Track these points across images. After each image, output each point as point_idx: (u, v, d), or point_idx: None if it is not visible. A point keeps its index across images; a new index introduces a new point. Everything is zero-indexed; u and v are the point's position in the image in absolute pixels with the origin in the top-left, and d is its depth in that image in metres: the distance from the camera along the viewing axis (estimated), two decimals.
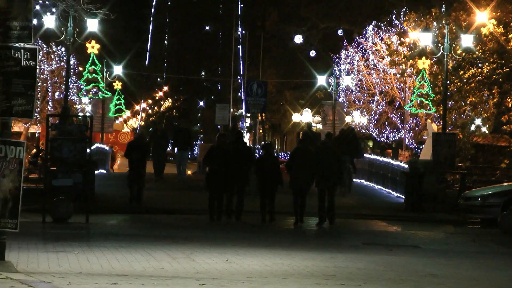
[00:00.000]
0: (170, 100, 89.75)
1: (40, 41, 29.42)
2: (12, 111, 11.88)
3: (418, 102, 34.34)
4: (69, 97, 34.31)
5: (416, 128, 37.32)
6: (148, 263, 12.51)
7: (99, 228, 19.63)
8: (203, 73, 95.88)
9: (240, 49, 78.69)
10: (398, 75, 38.27)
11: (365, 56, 41.82)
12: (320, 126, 45.54)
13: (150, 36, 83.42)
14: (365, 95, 41.63)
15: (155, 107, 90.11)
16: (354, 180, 31.94)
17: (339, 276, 11.65)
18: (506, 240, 20.02)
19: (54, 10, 21.86)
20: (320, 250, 16.10)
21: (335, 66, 46.44)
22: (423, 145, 34.76)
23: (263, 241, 17.36)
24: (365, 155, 35.87)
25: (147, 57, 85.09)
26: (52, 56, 39.81)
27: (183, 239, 16.76)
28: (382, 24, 40.26)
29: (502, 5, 32.49)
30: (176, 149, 37.37)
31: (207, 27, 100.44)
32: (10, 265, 11.08)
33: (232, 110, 54.14)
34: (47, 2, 17.80)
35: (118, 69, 52.31)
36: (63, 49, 35.93)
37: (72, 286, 9.49)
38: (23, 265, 11.40)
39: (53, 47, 36.37)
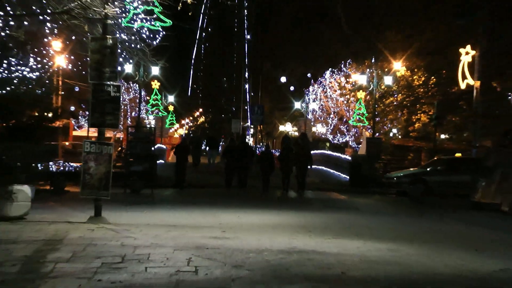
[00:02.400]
0: (203, 117, 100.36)
1: (122, 80, 31.04)
2: (105, 124, 13.42)
3: (358, 118, 36.47)
4: (140, 115, 37.16)
5: (356, 135, 39.68)
6: (188, 218, 14.19)
7: (159, 197, 20.69)
8: (223, 100, 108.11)
9: (247, 86, 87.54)
10: (345, 102, 41.43)
11: (324, 90, 44.91)
12: (296, 133, 49.92)
13: (190, 77, 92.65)
14: (324, 114, 44.57)
15: (194, 122, 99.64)
16: (318, 167, 34.32)
17: (308, 226, 13.25)
18: (410, 204, 21.82)
19: (131, 61, 23.12)
20: (296, 210, 17.54)
21: (306, 96, 50.73)
22: (360, 145, 37.29)
23: (261, 204, 18.70)
24: (324, 151, 38.83)
25: (189, 90, 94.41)
26: (130, 90, 43.58)
27: (210, 203, 18.09)
28: (335, 70, 43.01)
29: (409, 59, 35.89)
30: (207, 148, 41.73)
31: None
32: (104, 219, 12.56)
33: (242, 123, 59.73)
34: (126, 56, 19.49)
35: (171, 98, 60.24)
36: (136, 85, 38.58)
37: (142, 232, 11.24)
38: (112, 219, 12.65)
39: (130, 84, 39.12)
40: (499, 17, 28.43)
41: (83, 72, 21.71)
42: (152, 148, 23.79)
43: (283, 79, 61.05)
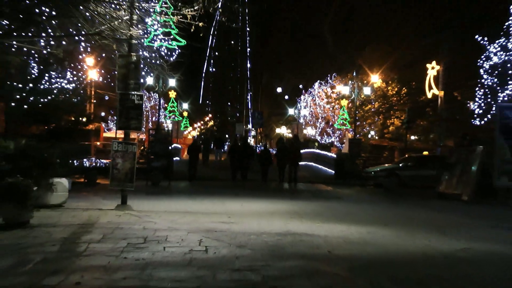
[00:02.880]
0: (212, 121, 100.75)
1: (144, 90, 30.90)
2: (130, 127, 13.49)
3: (341, 122, 36.42)
4: (159, 120, 37.10)
5: (340, 136, 39.51)
6: (200, 206, 14.23)
7: (175, 188, 20.61)
8: (229, 107, 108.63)
9: (249, 95, 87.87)
10: (331, 108, 41.29)
11: (313, 98, 44.80)
12: (290, 135, 49.90)
13: (201, 87, 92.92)
14: (313, 119, 44.45)
15: (204, 125, 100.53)
16: (309, 163, 34.52)
17: (300, 213, 13.23)
18: (386, 194, 21.50)
19: (151, 74, 22.98)
20: (290, 199, 17.41)
21: (298, 103, 50.93)
22: (343, 145, 36.78)
23: (260, 194, 18.55)
24: (313, 150, 38.52)
25: (200, 98, 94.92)
26: (151, 98, 43.47)
27: (218, 193, 18.03)
28: (323, 82, 43.05)
29: (384, 72, 35.96)
30: (215, 147, 41.56)
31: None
32: (129, 207, 12.64)
33: (244, 126, 59.91)
34: (148, 70, 19.34)
35: (185, 105, 60.19)
36: (156, 95, 38.49)
37: (161, 218, 11.32)
38: (136, 207, 12.70)
39: (151, 93, 39.05)
40: (459, 38, 28.52)
41: (112, 84, 21.77)
42: (169, 148, 23.76)
43: (279, 89, 61.33)
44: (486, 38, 22.07)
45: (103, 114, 32.05)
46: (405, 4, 36.10)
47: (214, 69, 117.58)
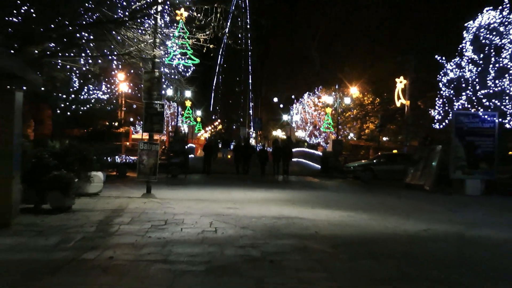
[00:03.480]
0: (220, 125, 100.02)
1: (165, 100, 31.65)
2: (153, 130, 13.60)
3: (326, 126, 36.17)
4: (177, 124, 37.00)
5: (325, 137, 39.41)
6: (210, 195, 14.11)
7: (190, 180, 20.30)
8: (234, 114, 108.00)
9: (251, 104, 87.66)
10: (317, 115, 41.10)
11: (303, 107, 44.75)
12: (284, 136, 49.87)
13: (212, 97, 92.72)
14: (303, 123, 44.41)
15: (214, 128, 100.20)
16: (299, 160, 34.25)
17: (292, 200, 13.16)
18: (363, 185, 21.11)
19: (171, 86, 22.73)
20: (284, 189, 17.26)
21: (291, 111, 51.03)
22: (328, 144, 36.51)
23: (260, 185, 18.08)
24: (303, 149, 38.26)
25: (211, 106, 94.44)
26: (170, 107, 42.94)
27: (225, 184, 17.82)
28: (311, 93, 43.06)
29: (361, 85, 35.73)
30: (223, 147, 41.99)
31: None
32: (153, 195, 12.67)
33: (247, 129, 60.12)
34: (168, 83, 19.26)
35: (198, 112, 59.61)
36: (175, 103, 38.26)
37: (178, 204, 11.32)
38: (158, 195, 12.73)
39: (171, 102, 38.85)
40: (422, 57, 28.59)
41: (138, 95, 21.73)
42: (186, 147, 23.67)
43: (275, 99, 61.27)
44: (444, 58, 22.10)
45: (131, 119, 31.90)
46: (377, 31, 36.17)
47: (221, 83, 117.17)
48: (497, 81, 19.55)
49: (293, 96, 51.11)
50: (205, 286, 4.84)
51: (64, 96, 18.13)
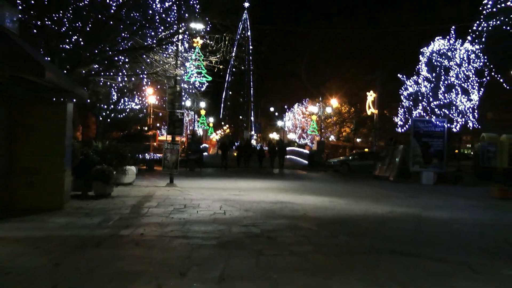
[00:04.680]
0: (228, 129, 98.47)
1: (184, 109, 32.27)
2: (175, 133, 13.56)
3: (312, 130, 35.86)
4: (194, 128, 36.81)
5: (311, 139, 39.17)
6: (220, 184, 13.94)
7: (204, 172, 19.92)
8: (239, 120, 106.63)
9: (252, 112, 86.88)
10: (305, 121, 40.73)
11: (294, 114, 44.60)
12: (277, 138, 49.61)
13: (222, 107, 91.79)
14: (294, 128, 44.36)
15: (223, 132, 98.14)
16: (291, 157, 33.54)
17: (285, 189, 13.00)
18: (340, 176, 20.58)
19: (189, 99, 22.86)
20: (278, 180, 17.09)
21: (283, 118, 50.75)
22: (313, 144, 36.38)
23: (259, 176, 17.89)
24: (294, 148, 37.67)
25: (220, 114, 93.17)
26: (188, 114, 42.46)
27: (232, 176, 17.57)
28: (300, 104, 42.87)
29: (340, 97, 35.40)
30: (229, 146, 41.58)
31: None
32: (175, 185, 12.67)
33: (249, 132, 59.83)
34: (186, 96, 19.26)
35: (211, 119, 59.50)
36: (192, 112, 37.90)
37: (195, 191, 11.23)
38: (179, 185, 12.71)
39: (189, 111, 38.56)
40: (387, 76, 28.49)
41: (163, 105, 21.59)
42: (201, 146, 23.70)
43: (271, 109, 61.08)
44: (404, 76, 22.11)
45: (158, 124, 31.81)
46: (353, 55, 36.05)
47: (229, 96, 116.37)
48: (446, 95, 19.70)
49: (285, 106, 50.90)
50: (216, 256, 4.82)
51: (105, 106, 18.02)
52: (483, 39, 17.45)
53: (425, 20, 25.12)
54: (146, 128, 25.27)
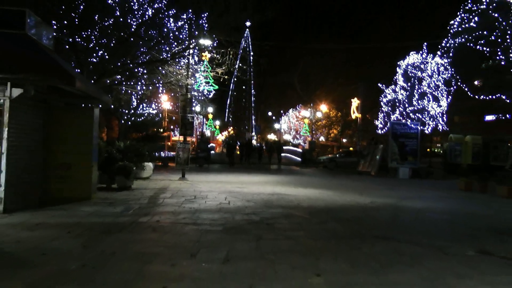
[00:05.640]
0: (233, 131, 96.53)
1: (194, 114, 32.38)
2: (186, 134, 13.48)
3: (304, 131, 36.10)
4: (203, 130, 36.67)
5: (304, 139, 39.02)
6: (225, 178, 13.79)
7: (212, 168, 19.54)
8: (242, 123, 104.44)
9: (253, 116, 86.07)
10: (298, 124, 40.52)
11: (289, 118, 44.47)
12: (275, 138, 49.31)
13: (226, 111, 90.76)
14: (289, 129, 44.11)
15: (228, 133, 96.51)
16: (287, 154, 33.23)
17: (281, 182, 12.97)
18: (329, 172, 20.26)
19: (198, 104, 22.88)
20: (276, 174, 16.98)
21: (280, 121, 50.41)
22: (306, 144, 36.21)
23: (258, 171, 17.75)
24: (289, 147, 36.82)
25: (225, 117, 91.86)
26: (197, 118, 41.92)
27: (235, 171, 17.49)
28: (294, 109, 42.72)
29: (328, 104, 35.10)
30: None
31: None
32: (186, 179, 12.54)
33: (250, 133, 59.56)
34: (196, 102, 19.03)
35: (217, 122, 58.75)
36: (201, 116, 37.66)
37: (203, 184, 11.17)
38: (190, 179, 12.58)
39: (198, 115, 38.17)
40: (369, 84, 28.35)
41: (176, 110, 21.68)
42: (209, 146, 23.48)
43: (269, 113, 60.96)
44: (384, 85, 22.19)
45: (171, 127, 31.88)
46: (339, 67, 35.93)
47: (233, 102, 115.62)
48: (419, 101, 19.82)
49: (281, 111, 50.82)
50: (222, 240, 4.79)
51: (126, 111, 18.10)
52: (451, 54, 17.51)
53: (401, 37, 25.18)
54: (161, 130, 25.26)
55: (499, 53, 14.58)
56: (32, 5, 8.39)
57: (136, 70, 12.55)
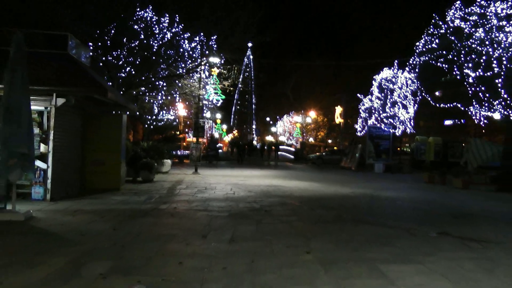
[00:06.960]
0: (237, 133, 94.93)
1: (205, 119, 31.33)
2: (198, 136, 13.45)
3: (296, 134, 35.89)
4: (212, 132, 35.78)
5: (296, 140, 38.94)
6: (231, 172, 13.57)
7: (220, 164, 18.77)
8: (245, 126, 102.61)
9: (254, 121, 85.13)
10: (292, 127, 40.26)
11: (283, 122, 44.49)
12: (272, 139, 49.05)
13: (232, 117, 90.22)
14: (284, 132, 43.96)
15: (233, 135, 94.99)
16: (282, 153, 33.05)
17: (278, 176, 12.69)
18: (317, 167, 19.45)
19: (209, 111, 22.86)
20: (273, 169, 16.47)
21: (276, 125, 50.10)
22: (298, 144, 35.30)
23: (259, 167, 17.45)
24: (284, 146, 37.18)
25: (231, 122, 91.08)
26: (208, 123, 41.73)
27: (239, 167, 17.08)
28: (288, 115, 42.40)
29: (316, 110, 34.93)
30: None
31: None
32: (198, 173, 12.36)
33: (252, 136, 59.17)
34: (206, 109, 19.05)
35: (224, 126, 58.17)
36: (211, 121, 37.08)
37: (213, 178, 11.04)
38: (201, 173, 12.42)
39: (209, 120, 37.77)
40: (350, 95, 28.43)
41: (190, 116, 21.62)
42: (217, 145, 23.26)
43: (267, 118, 60.70)
44: (362, 95, 22.14)
45: (186, 130, 31.92)
46: (325, 80, 35.88)
47: (237, 109, 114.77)
48: (391, 109, 19.81)
49: (277, 116, 50.67)
50: (228, 223, 4.74)
51: (149, 117, 18.00)
52: (417, 70, 17.55)
53: (376, 55, 25.38)
54: (178, 132, 25.13)
55: (455, 69, 14.77)
56: (73, 30, 8.61)
57: (157, 83, 12.56)
